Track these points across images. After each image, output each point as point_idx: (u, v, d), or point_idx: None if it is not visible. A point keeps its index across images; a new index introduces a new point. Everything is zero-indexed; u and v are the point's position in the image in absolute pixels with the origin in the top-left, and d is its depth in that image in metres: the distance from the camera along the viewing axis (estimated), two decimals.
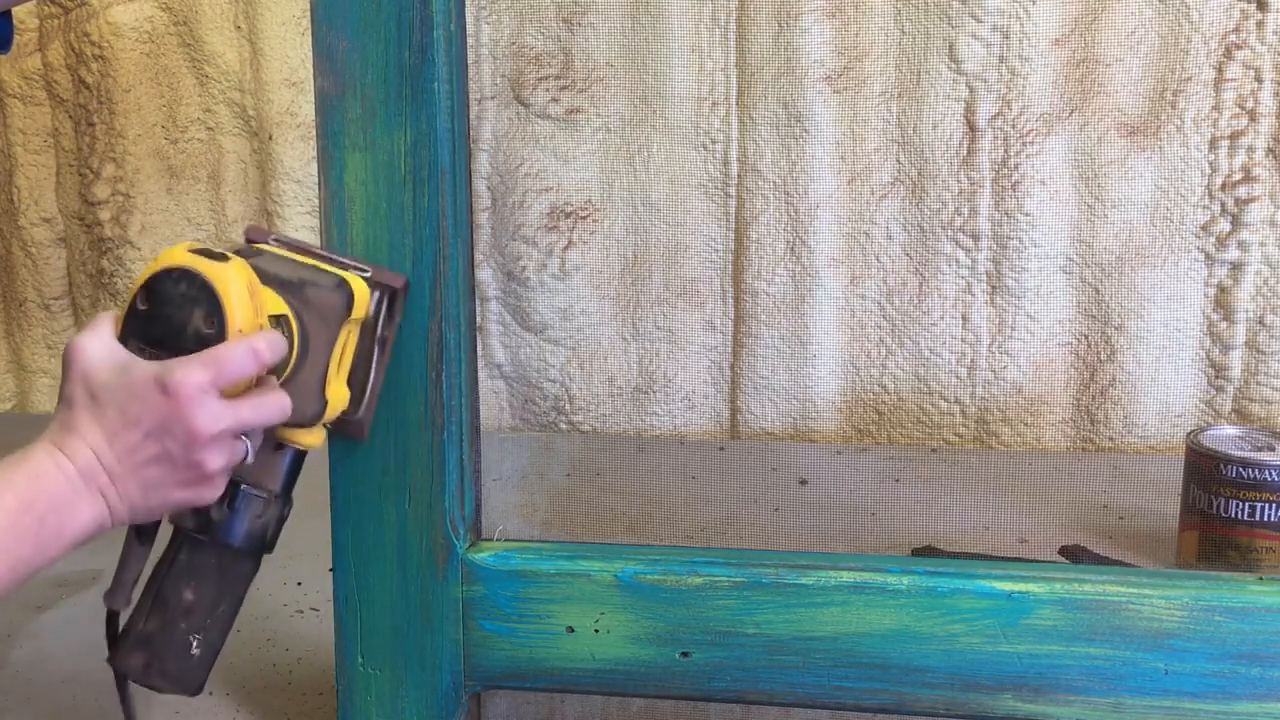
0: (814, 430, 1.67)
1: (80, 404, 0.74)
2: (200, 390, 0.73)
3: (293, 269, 0.82)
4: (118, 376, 0.74)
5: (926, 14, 1.56)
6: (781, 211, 1.62)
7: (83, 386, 0.74)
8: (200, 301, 0.76)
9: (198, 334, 0.76)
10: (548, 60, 1.63)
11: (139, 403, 0.73)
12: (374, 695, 0.94)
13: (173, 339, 0.76)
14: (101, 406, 0.74)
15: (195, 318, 0.76)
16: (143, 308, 0.77)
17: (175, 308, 0.77)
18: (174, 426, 0.73)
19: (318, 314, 0.81)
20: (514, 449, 1.62)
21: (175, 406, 0.73)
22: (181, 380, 0.73)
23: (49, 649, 1.14)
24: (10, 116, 1.77)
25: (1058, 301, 1.60)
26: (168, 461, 0.74)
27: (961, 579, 0.88)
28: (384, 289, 0.85)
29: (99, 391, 0.74)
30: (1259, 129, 1.52)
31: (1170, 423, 1.60)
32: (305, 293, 0.81)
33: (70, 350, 0.75)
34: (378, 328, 0.85)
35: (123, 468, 0.73)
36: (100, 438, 0.73)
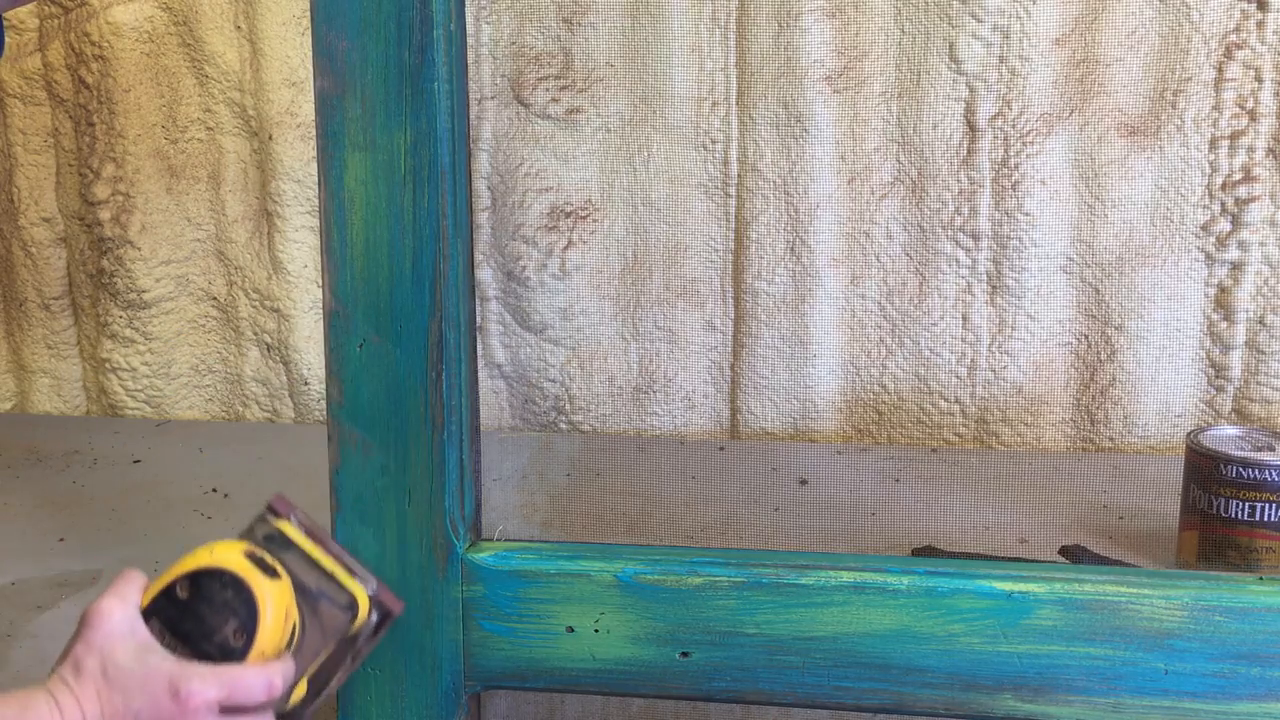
0: (814, 430, 1.67)
1: (90, 675, 0.75)
2: (207, 706, 0.75)
3: (315, 578, 0.82)
4: (134, 661, 0.75)
5: (926, 14, 1.56)
6: (781, 211, 1.62)
7: (98, 657, 0.75)
8: (238, 614, 0.77)
9: (224, 644, 0.77)
10: (548, 60, 1.63)
11: (145, 698, 0.74)
12: (374, 695, 0.94)
13: (197, 638, 0.77)
14: (110, 686, 0.75)
15: (228, 627, 0.77)
16: (181, 595, 0.78)
17: (212, 610, 0.77)
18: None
19: (320, 626, 0.82)
20: (514, 449, 1.62)
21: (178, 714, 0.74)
22: (195, 692, 0.74)
23: (49, 649, 1.14)
24: (10, 116, 1.77)
25: (1058, 301, 1.60)
26: None
27: (961, 579, 0.88)
28: (382, 612, 0.85)
29: (111, 670, 0.75)
30: (1259, 129, 1.52)
31: (1170, 423, 1.60)
32: (319, 605, 0.82)
33: (94, 612, 0.76)
34: (358, 641, 0.85)
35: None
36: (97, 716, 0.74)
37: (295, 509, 0.84)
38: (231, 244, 1.75)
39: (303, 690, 0.83)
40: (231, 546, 0.79)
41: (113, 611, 0.76)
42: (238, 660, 0.77)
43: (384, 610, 0.85)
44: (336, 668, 0.84)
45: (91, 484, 1.53)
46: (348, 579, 0.83)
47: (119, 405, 1.81)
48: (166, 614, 0.78)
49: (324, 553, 0.83)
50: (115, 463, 1.61)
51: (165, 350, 1.79)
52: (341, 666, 0.84)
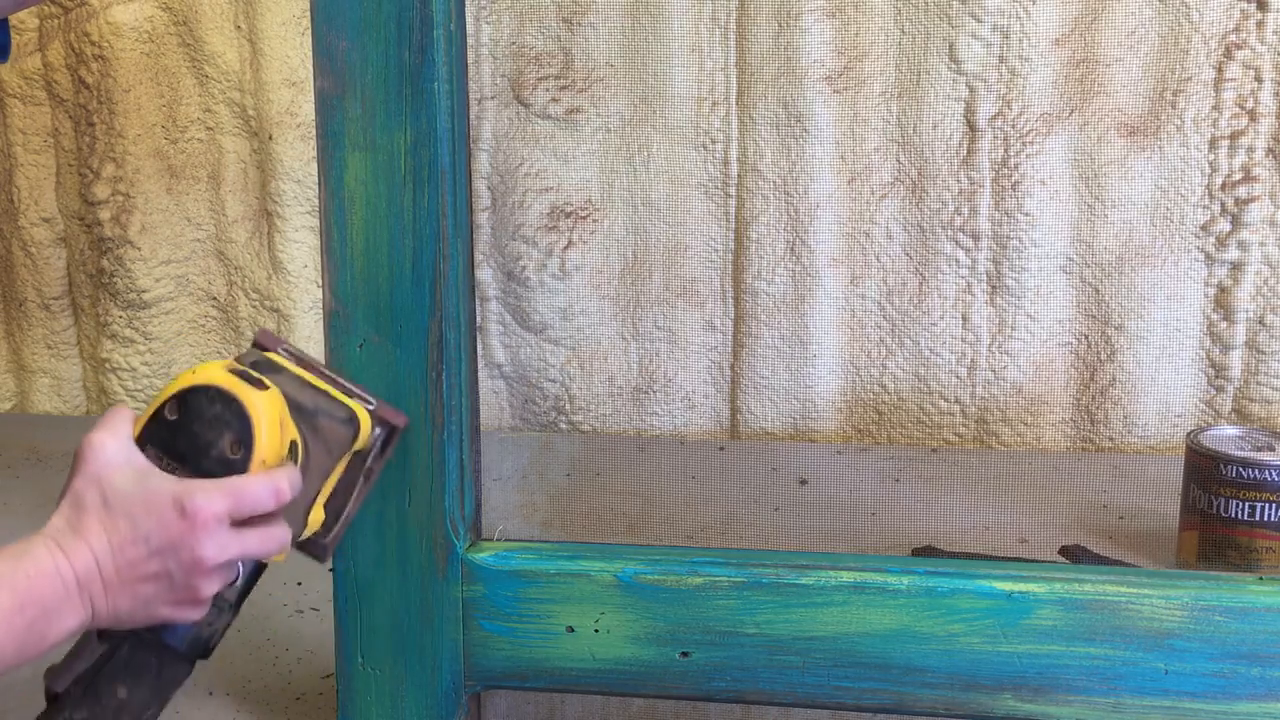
0: (814, 430, 1.67)
1: (91, 506, 0.73)
2: (216, 519, 0.73)
3: (310, 395, 0.81)
4: (135, 485, 0.73)
5: (926, 14, 1.56)
6: (781, 211, 1.62)
7: (96, 487, 0.73)
8: (231, 426, 0.76)
9: (222, 458, 0.76)
10: (548, 60, 1.63)
11: (153, 518, 0.72)
12: (374, 695, 0.94)
13: (195, 456, 0.76)
14: (113, 514, 0.73)
15: (223, 440, 0.76)
16: (171, 417, 0.76)
17: (205, 426, 0.76)
18: (182, 550, 0.72)
19: (323, 443, 0.81)
20: (514, 449, 1.62)
21: (188, 530, 0.72)
22: (201, 505, 0.72)
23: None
24: (10, 116, 1.77)
25: (1058, 301, 1.60)
26: (165, 580, 0.73)
27: (961, 579, 0.88)
28: (385, 425, 0.84)
29: (112, 497, 0.73)
30: (1259, 129, 1.52)
31: (1170, 423, 1.60)
32: (317, 420, 0.81)
33: (86, 446, 0.74)
34: (368, 459, 0.84)
35: (120, 579, 0.73)
36: (105, 546, 0.72)
37: (282, 341, 0.83)
38: (231, 244, 1.75)
39: (320, 516, 0.82)
40: (215, 365, 0.78)
41: (105, 443, 0.74)
42: (239, 472, 0.75)
43: (388, 425, 0.84)
44: (351, 490, 0.83)
45: None
46: (344, 397, 0.82)
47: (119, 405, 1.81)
48: (160, 439, 0.76)
49: (316, 375, 0.82)
50: None
51: (165, 350, 1.79)
52: (355, 487, 0.83)
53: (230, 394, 0.76)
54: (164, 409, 0.76)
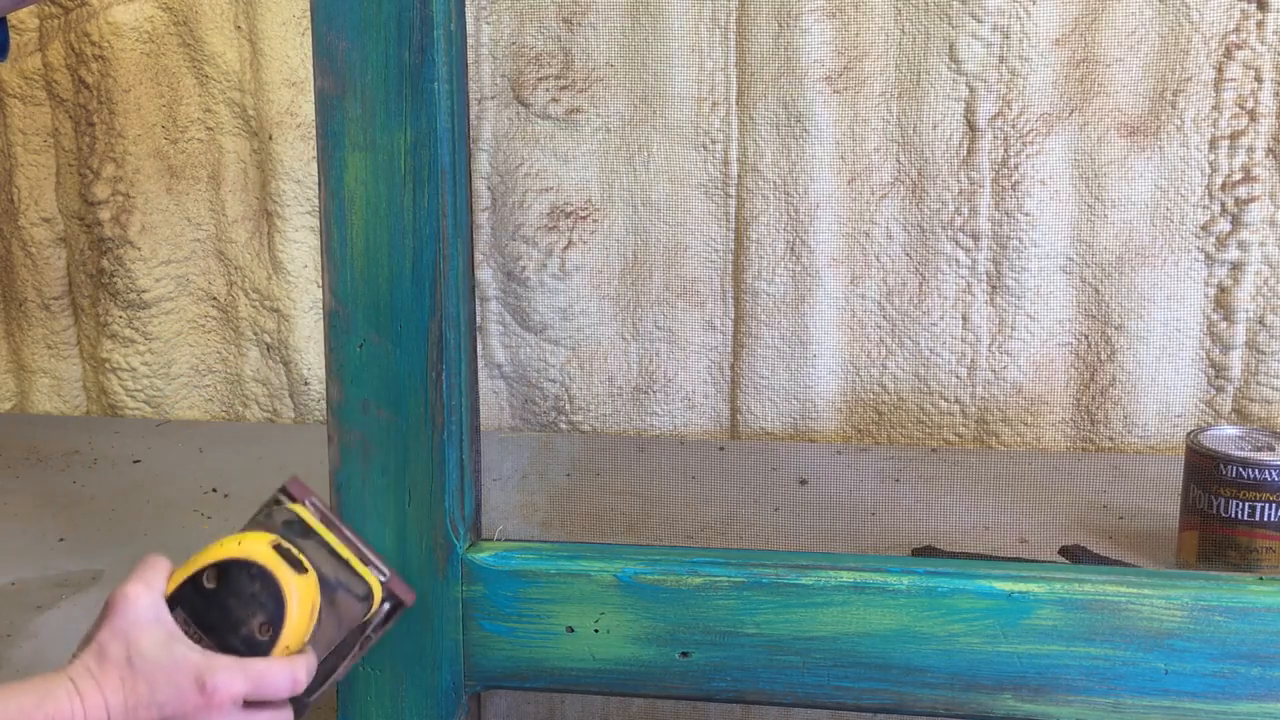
0: (814, 430, 1.67)
1: (114, 662, 0.74)
2: (233, 700, 0.74)
3: (332, 568, 0.82)
4: (161, 650, 0.74)
5: (926, 14, 1.56)
6: (781, 211, 1.62)
7: (123, 643, 0.74)
8: (266, 608, 0.77)
9: (250, 638, 0.76)
10: (548, 60, 1.63)
11: (171, 689, 0.74)
12: (374, 695, 0.94)
13: (223, 630, 0.76)
14: (135, 674, 0.74)
15: (254, 621, 0.76)
16: (208, 585, 0.77)
17: (239, 603, 0.77)
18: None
19: (336, 616, 0.82)
20: (514, 449, 1.62)
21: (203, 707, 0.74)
22: (221, 686, 0.74)
23: (49, 649, 1.14)
24: (10, 116, 1.77)
25: (1058, 301, 1.60)
26: None
27: (961, 579, 0.88)
28: (394, 602, 0.85)
29: (136, 658, 0.74)
30: (1259, 129, 1.52)
31: (1170, 423, 1.60)
32: (336, 595, 0.82)
33: (120, 597, 0.75)
34: (368, 629, 0.84)
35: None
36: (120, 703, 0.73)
37: (310, 493, 0.84)
38: (231, 244, 1.75)
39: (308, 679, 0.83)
40: (259, 538, 0.79)
41: (139, 598, 0.75)
42: (263, 654, 0.76)
43: (395, 600, 0.85)
44: (344, 656, 0.84)
45: (91, 484, 1.53)
46: (362, 568, 0.83)
47: (119, 405, 1.81)
48: (192, 604, 0.77)
49: (339, 540, 0.83)
50: (115, 463, 1.61)
51: (165, 350, 1.79)
52: (349, 655, 0.84)
53: (271, 576, 0.77)
54: (203, 575, 0.77)
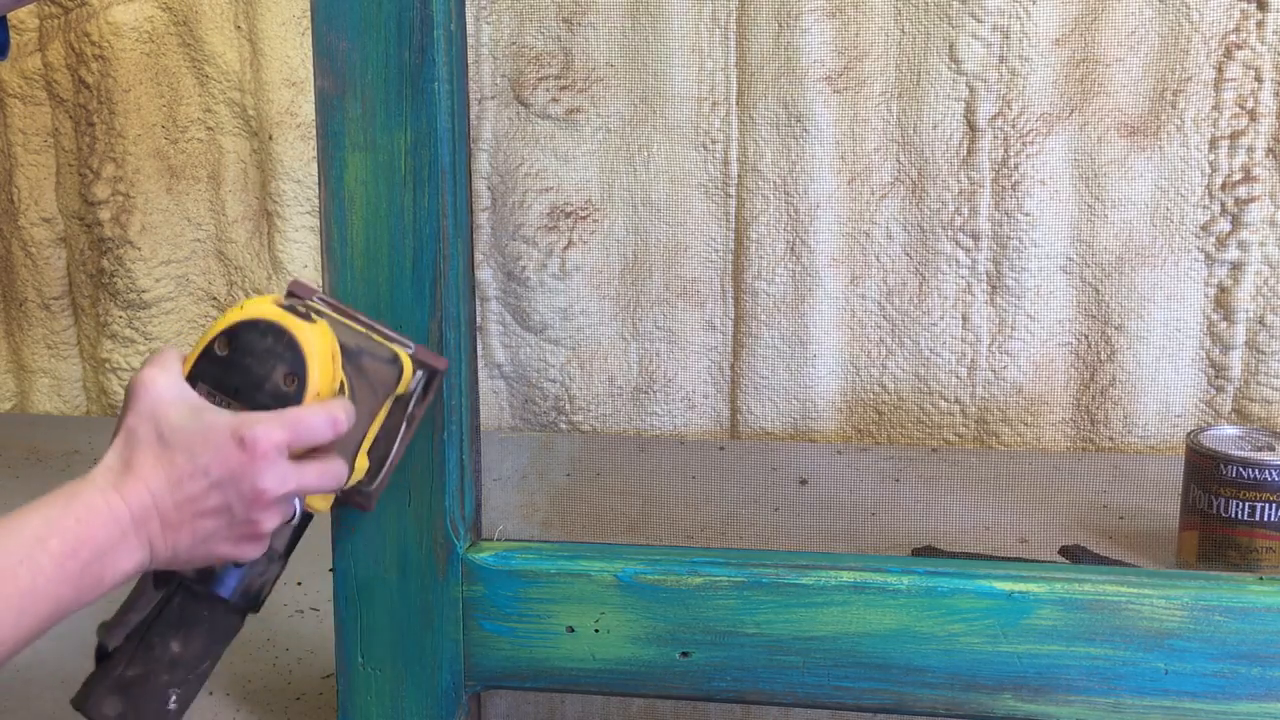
0: (814, 430, 1.67)
1: (146, 442, 0.71)
2: (276, 449, 0.72)
3: (352, 336, 0.81)
4: (191, 419, 0.72)
5: (926, 14, 1.56)
6: (781, 211, 1.62)
7: (150, 423, 0.71)
8: (284, 358, 0.75)
9: (276, 391, 0.75)
10: (548, 60, 1.63)
11: (211, 451, 0.71)
12: (374, 695, 0.94)
13: (248, 390, 0.75)
14: (170, 448, 0.71)
15: (276, 373, 0.75)
16: (221, 353, 0.75)
17: (257, 360, 0.75)
18: (243, 481, 0.71)
19: (368, 384, 0.80)
20: (514, 449, 1.62)
21: (249, 461, 0.71)
22: (261, 436, 0.71)
23: (48, 649, 1.14)
24: (10, 116, 1.77)
25: (1058, 301, 1.60)
26: (226, 515, 0.72)
27: (961, 579, 0.88)
28: (427, 369, 0.84)
29: (168, 432, 0.71)
30: (1259, 129, 1.52)
31: (1170, 423, 1.60)
32: (362, 361, 0.80)
33: (139, 383, 0.73)
34: (410, 404, 0.83)
35: (179, 515, 0.71)
36: (163, 482, 0.71)
37: (316, 290, 0.83)
38: (231, 244, 1.75)
39: (365, 463, 0.82)
40: (262, 299, 0.77)
41: (156, 379, 0.73)
42: (295, 404, 0.75)
43: (429, 368, 0.84)
44: (394, 436, 0.82)
45: None
46: (385, 340, 0.82)
47: (119, 405, 1.81)
48: (211, 375, 0.75)
49: (355, 321, 0.82)
50: None
51: None
52: (399, 434, 0.82)
53: (281, 327, 0.75)
54: (214, 345, 0.76)
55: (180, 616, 0.80)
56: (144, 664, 0.80)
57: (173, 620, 0.80)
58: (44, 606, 0.67)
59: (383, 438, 0.83)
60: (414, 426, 0.84)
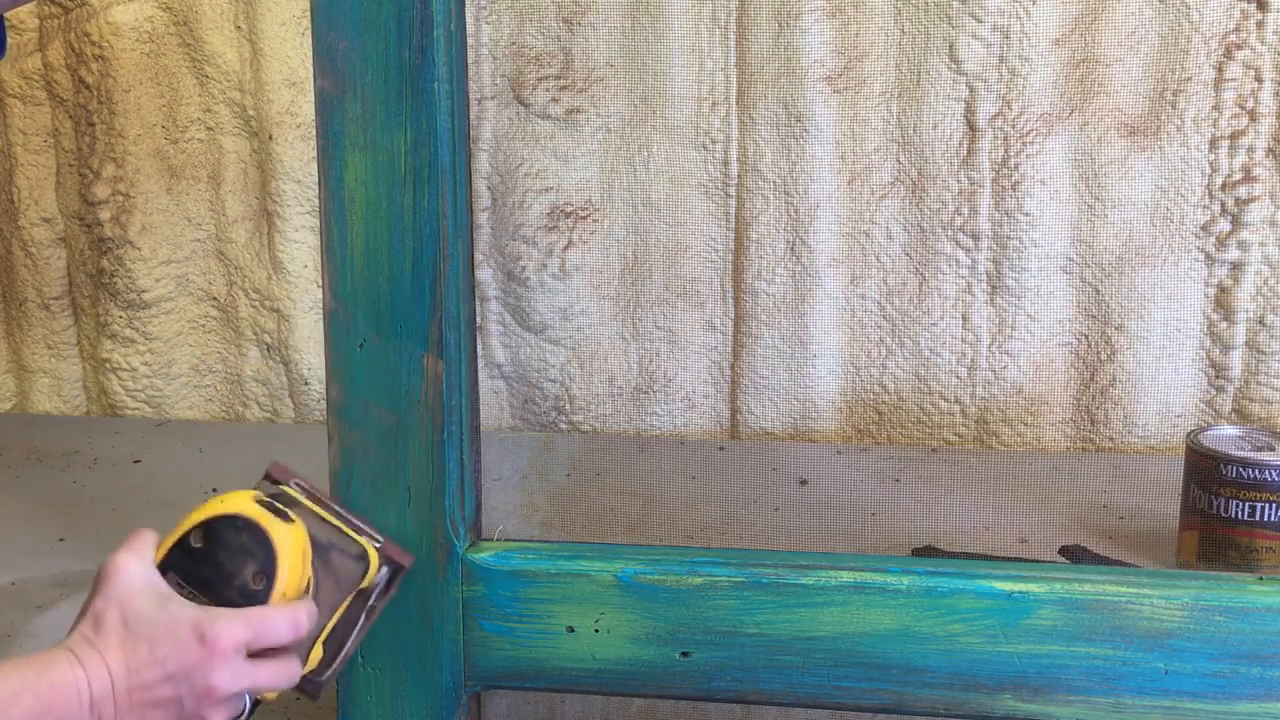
0: (814, 430, 1.67)
1: (111, 628, 0.73)
2: (235, 649, 0.73)
3: (323, 530, 0.82)
4: (156, 609, 0.74)
5: (926, 14, 1.56)
6: (781, 211, 1.62)
7: (117, 609, 0.73)
8: (256, 556, 0.76)
9: (245, 588, 0.76)
10: (548, 60, 1.63)
11: (171, 644, 0.73)
12: (374, 695, 0.94)
13: (217, 585, 0.76)
14: (133, 637, 0.73)
15: (247, 570, 0.76)
16: (196, 545, 0.76)
17: (229, 555, 0.76)
18: (196, 677, 0.73)
19: (334, 579, 0.81)
20: (514, 449, 1.62)
21: (205, 658, 0.73)
22: (222, 634, 0.73)
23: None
24: (10, 116, 1.77)
25: (1058, 301, 1.60)
26: (176, 707, 0.73)
27: (961, 579, 0.88)
28: (392, 565, 0.85)
29: (132, 620, 0.73)
30: (1259, 129, 1.52)
31: (1170, 423, 1.60)
32: (330, 556, 0.81)
33: (110, 568, 0.75)
34: (371, 597, 0.84)
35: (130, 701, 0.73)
36: (122, 667, 0.72)
37: (294, 475, 0.84)
38: (231, 244, 1.75)
39: (319, 654, 0.82)
40: (241, 494, 0.78)
41: (128, 564, 0.74)
42: (260, 603, 0.76)
43: (394, 564, 0.84)
44: (351, 627, 0.83)
45: (91, 484, 1.53)
46: (353, 533, 0.83)
47: (119, 405, 1.81)
48: (182, 566, 0.76)
49: (328, 511, 0.83)
50: (115, 463, 1.61)
51: (165, 350, 1.79)
52: (357, 626, 0.83)
53: (257, 524, 0.77)
54: (189, 536, 0.77)
55: None
56: None
57: None
58: None
59: (341, 627, 0.83)
60: (373, 619, 0.85)
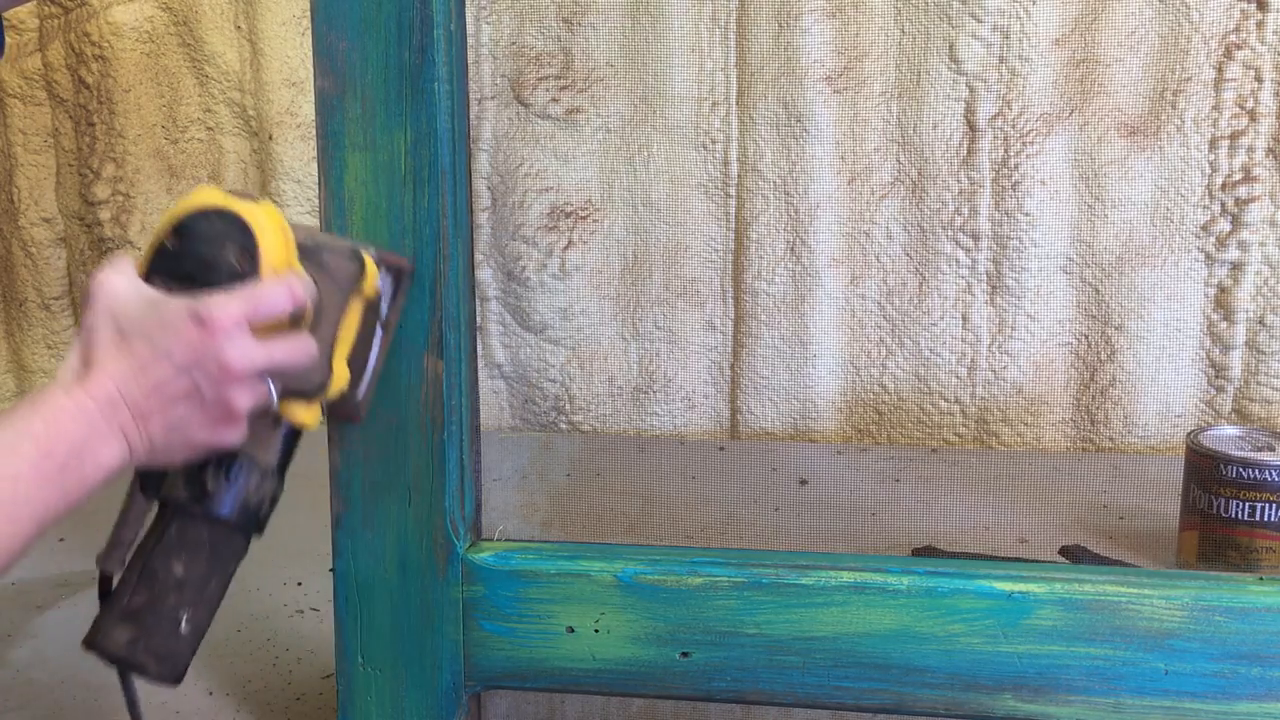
0: (814, 430, 1.67)
1: (104, 338, 0.71)
2: (235, 324, 0.71)
3: (308, 235, 0.80)
4: (148, 310, 0.71)
5: (926, 14, 1.56)
6: (781, 211, 1.62)
7: (108, 319, 0.71)
8: (234, 238, 0.74)
9: (230, 270, 0.74)
10: (548, 60, 1.63)
11: (171, 335, 0.71)
12: (374, 695, 0.94)
13: (203, 274, 0.74)
14: (129, 340, 0.71)
15: (228, 253, 0.74)
16: (172, 247, 0.75)
17: (207, 244, 0.74)
18: (206, 360, 0.71)
19: (331, 280, 0.79)
20: (514, 449, 1.62)
21: (209, 339, 0.71)
22: (217, 312, 0.71)
23: (49, 649, 1.14)
24: (10, 116, 1.77)
25: (1058, 301, 1.60)
26: (196, 398, 0.71)
27: (961, 579, 0.88)
28: (393, 269, 0.84)
29: (126, 324, 0.71)
30: (1259, 129, 1.52)
31: (1170, 423, 1.60)
32: (321, 257, 0.80)
33: (96, 285, 0.72)
34: (381, 309, 0.83)
35: (149, 404, 0.71)
36: (126, 372, 0.70)
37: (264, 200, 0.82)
38: None
39: (344, 373, 0.81)
40: (204, 189, 0.77)
41: (110, 279, 0.72)
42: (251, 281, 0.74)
43: (395, 268, 0.83)
44: (370, 342, 0.82)
45: None
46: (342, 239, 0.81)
47: None
48: (165, 269, 0.75)
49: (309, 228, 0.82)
50: None
51: None
52: (375, 339, 0.82)
53: (227, 209, 0.75)
54: (164, 241, 0.75)
55: (179, 541, 0.79)
56: (149, 590, 0.79)
57: (172, 545, 0.79)
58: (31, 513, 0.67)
59: (359, 345, 0.82)
60: (390, 333, 0.83)
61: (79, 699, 1.05)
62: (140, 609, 0.79)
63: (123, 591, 0.79)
